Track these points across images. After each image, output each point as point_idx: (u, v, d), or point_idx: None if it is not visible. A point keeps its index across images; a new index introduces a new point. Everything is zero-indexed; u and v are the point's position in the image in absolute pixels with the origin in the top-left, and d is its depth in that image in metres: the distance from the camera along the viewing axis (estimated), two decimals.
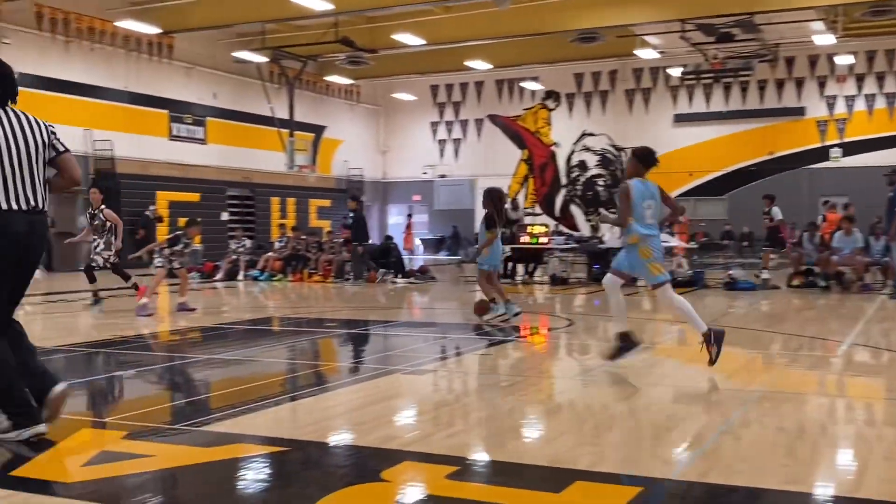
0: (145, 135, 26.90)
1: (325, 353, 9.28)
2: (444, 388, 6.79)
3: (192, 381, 7.40)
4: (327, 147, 34.64)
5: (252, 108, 30.61)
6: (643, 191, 7.16)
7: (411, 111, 37.03)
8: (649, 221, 7.14)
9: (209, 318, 12.16)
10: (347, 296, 16.61)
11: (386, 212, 38.74)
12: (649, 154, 7.29)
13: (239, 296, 16.99)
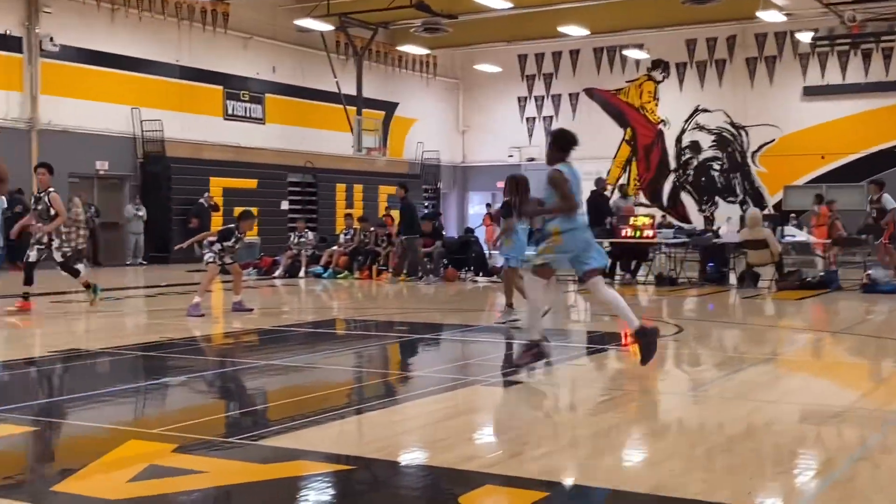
0: (198, 114, 27.57)
1: (395, 360, 9.34)
2: (531, 403, 6.79)
3: (247, 389, 7.54)
4: (399, 127, 34.89)
5: (316, 84, 31.05)
6: (572, 175, 7.50)
7: (495, 85, 37.01)
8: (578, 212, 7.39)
9: (267, 320, 12.39)
10: (421, 296, 16.70)
11: (465, 201, 38.79)
12: (566, 135, 7.69)
13: (300, 295, 17.26)
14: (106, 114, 24.93)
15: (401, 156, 34.88)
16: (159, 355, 8.97)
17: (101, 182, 25.58)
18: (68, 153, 23.70)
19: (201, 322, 11.67)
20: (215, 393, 7.46)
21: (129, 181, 25.94)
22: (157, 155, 25.82)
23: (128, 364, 8.72)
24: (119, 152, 25.39)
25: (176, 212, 25.92)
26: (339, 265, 20.34)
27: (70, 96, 24.17)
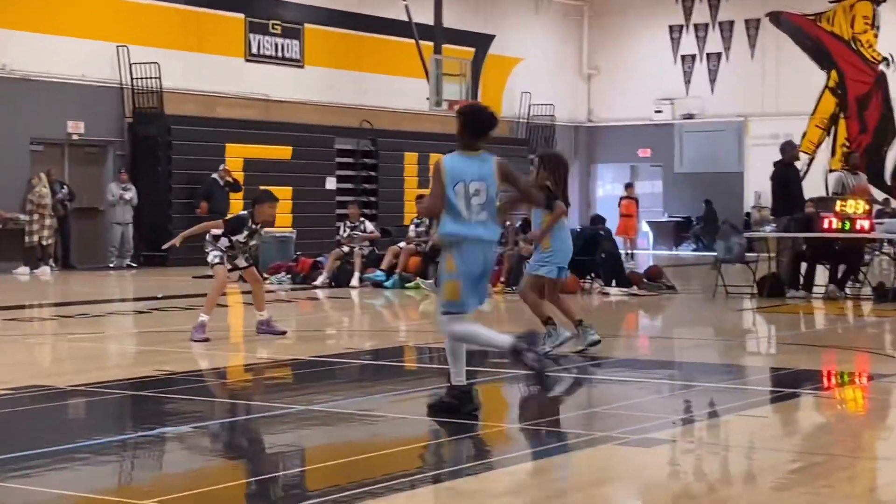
0: (209, 53, 27.97)
1: (489, 406, 9.31)
2: (688, 471, 6.72)
3: (275, 446, 7.59)
4: (496, 70, 34.86)
5: (376, 9, 31.22)
6: (462, 169, 7.76)
7: (637, 9, 36.72)
8: (468, 218, 7.76)
9: (304, 347, 12.47)
10: (526, 315, 16.61)
11: (592, 177, 38.56)
12: (478, 115, 8.08)
13: (352, 311, 17.36)
14: (81, 55, 25.44)
15: (498, 111, 34.50)
16: (153, 395, 9.10)
17: (75, 151, 26.13)
18: (29, 110, 24.27)
19: (210, 348, 11.81)
20: (230, 450, 7.52)
21: (113, 149, 26.44)
22: (151, 112, 26.27)
23: (110, 407, 8.85)
24: (99, 109, 25.90)
25: (178, 193, 26.33)
26: (409, 269, 20.40)
27: (32, 30, 24.72)
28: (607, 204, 35.98)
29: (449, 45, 30.12)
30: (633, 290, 18.72)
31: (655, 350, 13.03)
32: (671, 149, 36.63)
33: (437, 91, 28.84)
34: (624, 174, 37.10)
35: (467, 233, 7.79)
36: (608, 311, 16.88)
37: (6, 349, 12.05)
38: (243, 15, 28.76)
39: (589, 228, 21.75)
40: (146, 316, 15.90)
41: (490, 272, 8.12)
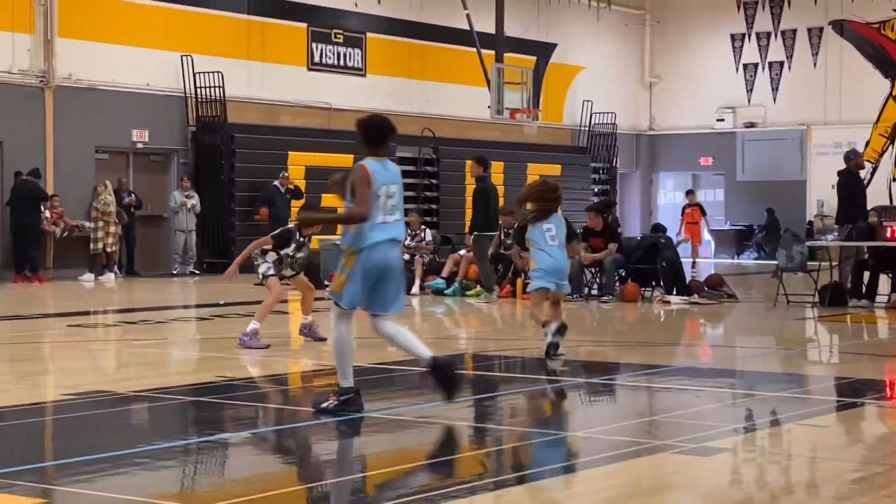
0: (272, 62, 28.17)
1: (548, 414, 9.29)
2: (748, 480, 6.67)
3: (334, 452, 7.61)
4: (558, 78, 34.81)
5: (438, 18, 31.29)
6: (381, 174, 8.20)
7: (699, 17, 36.54)
8: (382, 220, 8.17)
9: (363, 354, 12.49)
10: (587, 322, 16.57)
11: (654, 184, 38.40)
12: (375, 124, 8.49)
13: (411, 319, 17.38)
14: (146, 64, 25.71)
15: (559, 120, 34.78)
16: (213, 401, 9.17)
17: (139, 159, 26.40)
18: (95, 119, 24.56)
19: (270, 355, 11.87)
20: (289, 456, 7.55)
21: (177, 158, 26.69)
22: (214, 121, 26.48)
23: (171, 413, 8.92)
24: (163, 118, 26.15)
25: (240, 200, 26.51)
26: (470, 277, 20.41)
27: (97, 40, 25.01)
28: (669, 212, 35.82)
29: (510, 54, 30.09)
30: (694, 299, 18.62)
31: (716, 359, 12.94)
32: (733, 157, 36.39)
33: (499, 99, 28.83)
34: (685, 182, 36.91)
35: (386, 235, 8.18)
36: (669, 320, 16.80)
37: (71, 355, 12.19)
38: (306, 24, 28.92)
39: (649, 237, 21.65)
40: (207, 322, 16.03)
41: (397, 270, 8.39)
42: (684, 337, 15.29)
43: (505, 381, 11.00)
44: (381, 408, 8.92)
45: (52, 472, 6.86)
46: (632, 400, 9.93)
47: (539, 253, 11.73)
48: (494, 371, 11.71)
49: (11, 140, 23.45)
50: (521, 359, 12.27)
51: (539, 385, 10.50)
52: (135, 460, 7.00)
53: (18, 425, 8.31)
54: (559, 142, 34.68)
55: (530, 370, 11.53)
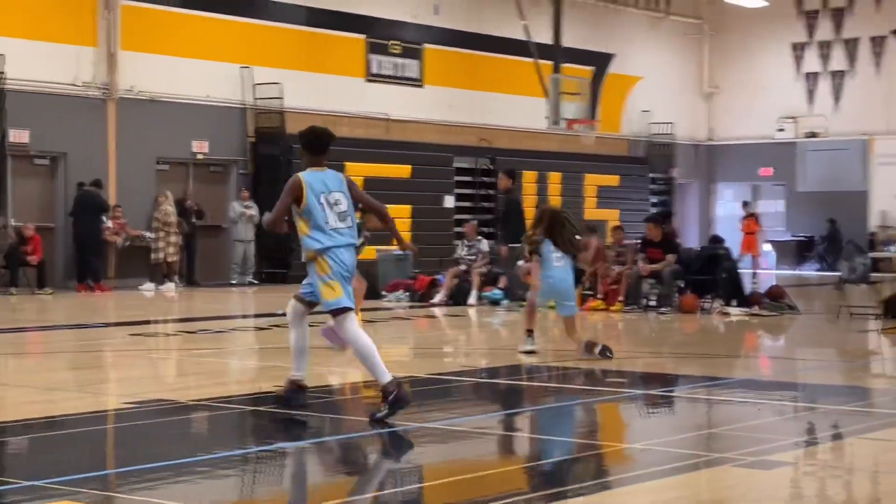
0: (330, 73, 28.31)
1: (606, 425, 9.25)
2: (809, 494, 6.63)
3: (392, 462, 7.63)
4: (615, 88, 34.72)
5: (495, 29, 31.32)
6: (322, 183, 8.67)
7: (758, 26, 36.32)
8: (335, 226, 8.58)
9: (422, 364, 12.52)
10: (645, 333, 16.49)
11: (712, 195, 38.18)
12: (312, 134, 9.03)
13: (469, 329, 17.38)
14: (206, 76, 25.92)
15: (617, 130, 34.68)
16: (273, 410, 9.21)
17: (199, 170, 26.61)
18: (156, 130, 24.80)
19: (327, 364, 11.92)
20: (346, 466, 7.58)
21: (236, 168, 26.88)
22: (273, 132, 26.64)
23: (230, 422, 8.98)
24: (223, 129, 26.37)
25: None
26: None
27: (159, 52, 25.28)
28: (728, 223, 35.58)
29: (568, 64, 30.07)
30: (754, 310, 18.49)
31: (776, 371, 12.84)
32: (793, 167, 36.12)
33: (556, 110, 28.79)
34: (745, 193, 36.68)
35: (335, 240, 8.57)
36: (728, 332, 16.69)
37: (131, 363, 12.30)
38: (364, 36, 29.04)
39: (707, 248, 21.51)
40: (266, 332, 16.11)
41: (353, 274, 8.80)
42: (744, 349, 15.19)
43: (561, 392, 10.98)
44: (438, 418, 8.93)
45: (114, 479, 6.92)
46: (690, 412, 9.88)
47: (544, 273, 12.47)
48: (551, 382, 11.69)
49: (75, 151, 23.74)
50: (578, 370, 12.23)
51: (597, 396, 10.46)
52: (194, 469, 7.05)
53: (81, 433, 8.40)
54: (617, 152, 34.58)
55: (588, 381, 11.49)
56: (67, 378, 11.36)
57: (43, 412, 9.11)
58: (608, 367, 12.31)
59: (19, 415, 9.05)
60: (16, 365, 12.61)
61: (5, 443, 8.15)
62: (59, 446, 7.95)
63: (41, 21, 23.47)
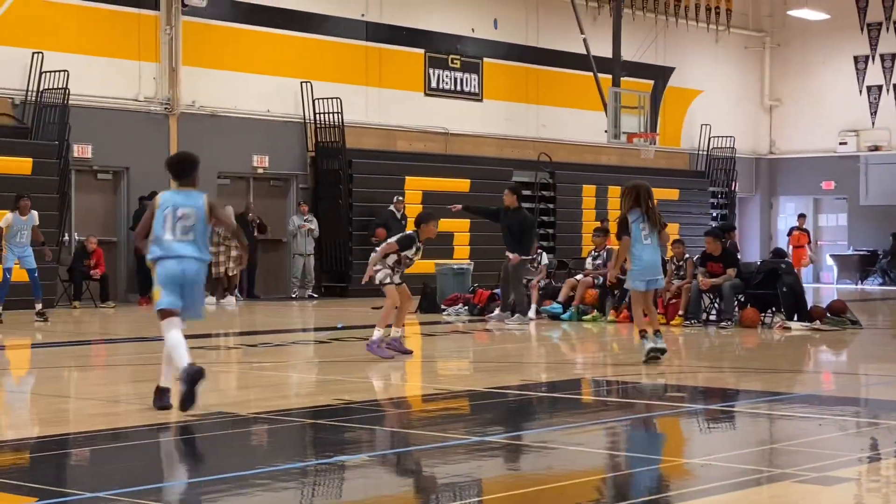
0: (389, 88, 28.45)
1: (665, 440, 9.21)
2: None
3: (451, 476, 7.64)
4: (675, 102, 34.62)
5: (554, 43, 31.34)
6: (173, 200, 9.53)
7: (820, 38, 36.08)
8: (178, 238, 9.44)
9: (481, 378, 12.54)
10: (705, 348, 16.41)
11: (773, 210, 37.93)
12: (175, 162, 9.94)
13: (528, 343, 17.37)
14: (267, 91, 26.14)
15: (677, 144, 34.58)
16: (332, 424, 9.26)
17: (259, 184, 26.82)
18: (216, 145, 25.01)
19: (386, 377, 11.96)
20: (405, 480, 7.60)
21: (296, 183, 27.05)
22: (333, 146, 26.79)
23: (290, 435, 9.03)
24: (283, 143, 26.57)
25: (358, 225, 26.78)
26: (587, 301, 20.34)
27: (220, 68, 25.53)
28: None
29: (628, 78, 30.05)
30: (816, 325, 18.34)
31: (838, 386, 12.73)
32: (856, 181, 35.81)
33: (616, 124, 28.78)
34: (806, 207, 36.43)
35: (167, 251, 9.39)
36: (789, 346, 16.56)
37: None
38: (423, 50, 29.16)
39: (768, 261, 21.37)
40: (325, 346, 16.19)
41: (194, 284, 9.52)
42: (806, 364, 15.07)
43: (622, 406, 10.95)
44: (497, 432, 8.93)
45: (176, 491, 6.99)
46: (752, 427, 9.81)
47: (633, 252, 13.04)
48: (612, 396, 11.66)
49: (137, 166, 24.00)
50: (638, 384, 12.20)
51: (657, 411, 10.43)
52: (254, 481, 7.10)
53: (143, 445, 8.49)
54: (677, 166, 34.46)
55: (647, 396, 11.45)
56: (129, 391, 11.48)
57: (106, 424, 9.22)
58: (668, 381, 12.26)
59: (83, 427, 9.18)
60: (79, 377, 12.76)
61: (70, 455, 8.26)
62: (122, 458, 8.04)
63: (103, 37, 23.80)
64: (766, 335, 17.77)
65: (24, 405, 10.87)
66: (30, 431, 9.23)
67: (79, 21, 23.58)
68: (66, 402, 10.87)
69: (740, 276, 19.30)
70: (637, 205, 13.07)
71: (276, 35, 26.52)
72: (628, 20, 31.37)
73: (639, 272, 13.05)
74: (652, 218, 13.02)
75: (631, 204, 13.14)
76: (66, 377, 12.76)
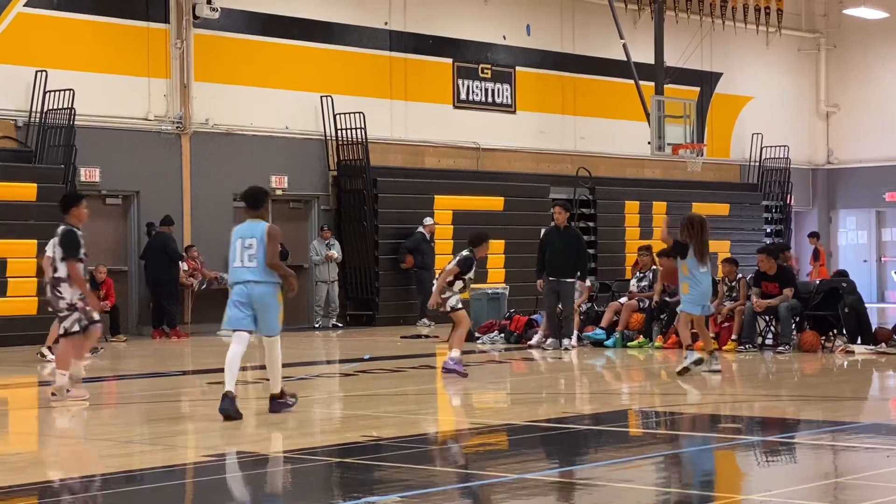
0: (416, 101, 28.49)
1: (722, 474, 9.19)
2: None
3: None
4: (724, 110, 34.54)
5: (592, 49, 31.32)
6: (242, 231, 11.95)
7: (879, 38, 35.95)
8: (246, 265, 11.79)
9: (520, 410, 12.53)
10: (762, 375, 16.35)
11: (833, 223, 37.76)
12: (251, 193, 12.20)
13: (570, 372, 17.35)
14: (285, 106, 26.20)
15: (726, 155, 34.47)
16: (360, 462, 9.28)
17: (279, 207, 26.84)
18: (232, 165, 25.08)
19: (418, 413, 11.97)
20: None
21: (318, 204, 27.10)
22: (356, 164, 26.80)
23: (316, 475, 9.05)
24: (303, 162, 26.60)
25: (384, 248, 26.75)
26: (632, 326, 20.30)
27: (234, 83, 25.62)
28: (850, 253, 35.19)
29: (671, 85, 29.97)
30: (882, 348, 18.24)
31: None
32: None
33: (660, 134, 28.70)
34: (869, 220, 36.27)
35: (236, 276, 11.87)
36: (853, 371, 16.49)
37: (210, 414, 12.43)
38: (451, 60, 29.18)
39: (829, 280, 21.25)
40: (352, 379, 16.21)
41: (260, 305, 11.80)
42: (871, 390, 14.99)
43: (672, 438, 10.92)
44: (538, 468, 8.93)
45: None
46: (814, 460, 9.77)
47: (691, 280, 15.00)
48: (661, 428, 11.64)
49: (148, 189, 24.08)
50: (689, 415, 12.17)
51: (711, 443, 10.40)
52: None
53: (158, 489, 8.52)
54: (727, 179, 34.35)
55: (700, 427, 11.43)
56: (143, 431, 11.54)
57: (120, 466, 9.27)
58: (723, 411, 12.23)
59: (96, 469, 9.23)
60: (91, 417, 12.83)
61: (82, 500, 8.30)
62: (137, 502, 8.08)
63: (110, 53, 23.94)
64: (828, 360, 17.69)
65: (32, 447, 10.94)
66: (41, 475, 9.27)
67: (84, 37, 23.74)
68: (78, 443, 10.94)
69: (798, 297, 19.22)
70: (693, 239, 15.01)
71: (293, 47, 26.61)
72: (671, 23, 31.33)
73: (699, 296, 15.09)
74: (703, 255, 15.04)
75: (690, 238, 15.03)
76: (77, 417, 12.83)
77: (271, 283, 11.70)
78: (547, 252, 19.69)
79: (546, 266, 19.61)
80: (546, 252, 19.73)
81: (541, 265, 19.88)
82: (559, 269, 19.40)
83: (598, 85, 31.60)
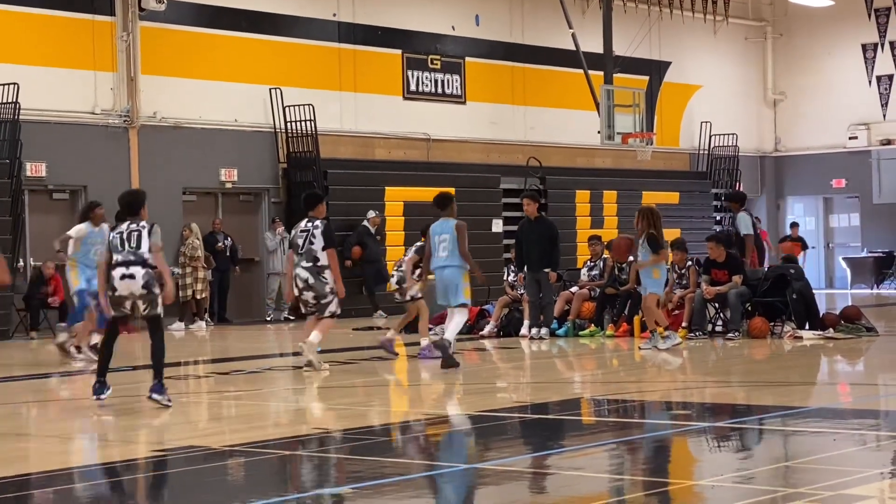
0: (365, 92, 28.43)
1: (675, 461, 9.22)
2: None
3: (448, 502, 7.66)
4: (673, 99, 34.66)
5: (539, 40, 31.34)
6: (435, 228, 14.86)
7: (825, 26, 36.15)
8: (440, 255, 14.83)
9: (473, 400, 12.53)
10: (710, 362, 16.42)
11: (781, 211, 38.00)
12: (435, 200, 15.25)
13: (522, 362, 17.37)
14: (233, 99, 26.08)
15: (676, 144, 34.60)
16: (311, 454, 9.25)
17: (228, 200, 26.77)
18: (181, 158, 24.94)
19: (368, 403, 11.94)
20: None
21: (268, 197, 27.01)
22: (306, 157, 26.73)
23: (267, 468, 9.02)
24: (252, 155, 26.49)
25: (336, 240, 26.66)
26: (583, 315, 20.35)
27: (182, 75, 25.48)
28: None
29: (620, 75, 30.03)
30: (829, 333, 18.36)
31: (855, 398, 12.75)
32: (868, 178, 35.84)
33: (609, 124, 28.76)
34: (816, 207, 36.49)
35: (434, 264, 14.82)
36: (801, 357, 16.59)
37: (161, 408, 12.37)
38: (400, 51, 29.14)
39: (777, 267, 21.36)
40: (304, 371, 16.15)
41: (450, 282, 15.08)
42: (819, 375, 15.10)
43: (624, 426, 10.95)
44: (492, 457, 8.92)
45: None
46: (763, 445, 9.83)
47: (662, 267, 17.27)
48: (612, 416, 11.66)
49: (95, 184, 23.83)
50: (640, 402, 12.20)
51: (661, 430, 10.44)
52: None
53: (107, 484, 8.46)
54: (676, 167, 34.49)
55: (651, 414, 11.46)
56: (93, 426, 11.45)
57: (67, 463, 9.20)
58: (673, 398, 12.27)
59: (43, 466, 9.14)
60: (38, 414, 12.73)
61: (30, 496, 8.23)
62: (85, 499, 8.01)
63: (55, 46, 23.72)
64: (776, 346, 17.79)
65: None
66: None
67: (28, 29, 23.51)
68: (25, 440, 10.84)
69: (747, 284, 19.32)
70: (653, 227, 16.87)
71: (241, 39, 26.48)
72: (619, 13, 31.40)
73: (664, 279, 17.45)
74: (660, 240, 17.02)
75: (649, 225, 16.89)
76: (24, 414, 12.72)
77: (456, 267, 14.83)
78: (523, 245, 19.74)
79: (525, 258, 19.65)
80: (522, 245, 19.77)
81: (519, 259, 19.91)
82: (535, 260, 19.47)
83: (548, 75, 31.63)
